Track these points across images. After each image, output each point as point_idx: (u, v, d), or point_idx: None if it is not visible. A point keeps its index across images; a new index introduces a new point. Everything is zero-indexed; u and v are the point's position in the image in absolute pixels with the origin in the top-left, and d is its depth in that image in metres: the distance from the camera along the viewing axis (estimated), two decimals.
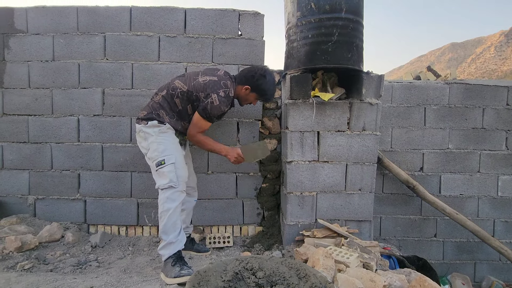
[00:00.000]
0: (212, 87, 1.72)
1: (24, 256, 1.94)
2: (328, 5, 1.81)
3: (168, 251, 1.63)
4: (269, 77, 1.83)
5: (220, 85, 1.74)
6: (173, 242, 1.63)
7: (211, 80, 1.74)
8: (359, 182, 2.04)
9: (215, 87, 1.72)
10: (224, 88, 1.74)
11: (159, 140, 1.72)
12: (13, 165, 2.39)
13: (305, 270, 1.16)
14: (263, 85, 1.81)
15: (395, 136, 2.59)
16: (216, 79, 1.76)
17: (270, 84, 1.84)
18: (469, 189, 2.63)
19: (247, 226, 2.45)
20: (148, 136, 1.73)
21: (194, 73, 1.83)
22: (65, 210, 2.38)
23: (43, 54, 2.34)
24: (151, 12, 2.32)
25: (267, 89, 1.84)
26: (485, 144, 2.61)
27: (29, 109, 2.36)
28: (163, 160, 1.67)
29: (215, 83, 1.73)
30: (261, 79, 1.80)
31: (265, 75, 1.81)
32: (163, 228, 1.64)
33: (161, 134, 1.74)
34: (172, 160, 1.69)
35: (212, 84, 1.73)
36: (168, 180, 1.65)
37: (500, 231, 2.66)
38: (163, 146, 1.71)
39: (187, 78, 1.80)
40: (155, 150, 1.71)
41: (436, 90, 2.58)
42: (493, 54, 21.35)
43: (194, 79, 1.78)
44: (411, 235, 2.67)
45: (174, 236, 1.64)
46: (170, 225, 1.63)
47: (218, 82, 1.74)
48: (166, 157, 1.68)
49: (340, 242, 1.81)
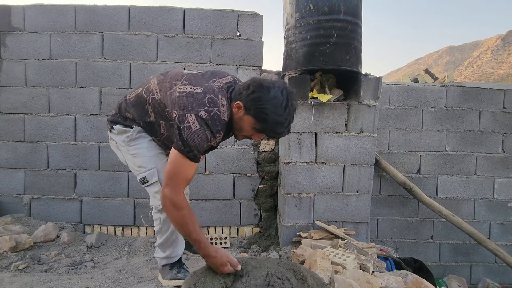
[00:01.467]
0: (190, 104, 1.10)
1: (18, 256, 1.92)
2: (326, 7, 1.82)
3: (165, 261, 1.53)
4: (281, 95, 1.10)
5: (203, 101, 1.11)
6: (172, 256, 1.51)
7: (191, 93, 1.13)
8: (356, 183, 2.04)
9: (193, 104, 1.10)
10: (209, 106, 1.10)
11: (132, 152, 1.35)
12: (8, 164, 2.36)
13: (302, 272, 1.16)
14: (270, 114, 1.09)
15: (393, 138, 2.60)
16: (201, 91, 1.13)
17: (287, 114, 1.11)
18: (465, 192, 2.64)
19: (244, 227, 2.44)
20: (120, 146, 1.39)
21: (177, 75, 1.25)
22: (61, 210, 2.37)
23: (40, 52, 2.32)
24: (150, 12, 2.31)
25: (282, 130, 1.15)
26: (481, 146, 2.62)
27: (26, 108, 2.34)
28: (145, 178, 1.33)
29: (194, 99, 1.11)
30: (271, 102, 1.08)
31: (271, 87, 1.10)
32: (161, 245, 1.47)
33: (132, 143, 1.34)
34: (155, 177, 1.32)
35: (190, 100, 1.11)
36: (159, 202, 1.27)
37: (496, 233, 2.67)
38: (139, 159, 1.33)
39: (166, 81, 1.26)
40: (132, 164, 1.37)
41: (434, 92, 2.59)
42: (490, 58, 21.54)
43: (172, 85, 1.20)
44: (408, 237, 2.67)
45: (173, 252, 1.49)
46: (169, 243, 1.45)
47: (201, 96, 1.12)
48: (147, 173, 1.32)
49: (337, 243, 1.81)
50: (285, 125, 1.12)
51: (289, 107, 1.11)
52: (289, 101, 1.11)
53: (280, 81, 1.17)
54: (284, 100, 1.10)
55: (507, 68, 19.43)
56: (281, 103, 1.09)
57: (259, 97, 1.09)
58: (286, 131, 1.15)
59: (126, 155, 1.38)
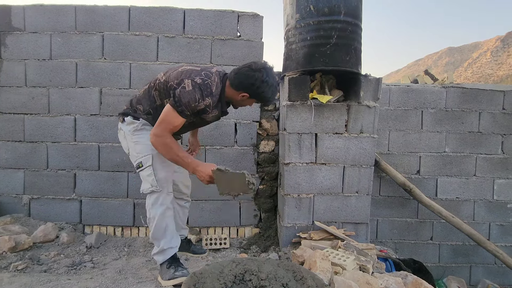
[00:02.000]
0: (189, 73, 1.44)
1: (17, 256, 1.92)
2: (327, 8, 1.82)
3: (162, 257, 1.58)
4: (271, 80, 1.48)
5: (200, 73, 1.45)
6: (164, 249, 1.57)
7: (191, 69, 1.48)
8: (356, 184, 2.04)
9: (192, 74, 1.44)
10: (204, 77, 1.44)
11: (135, 139, 1.57)
12: (8, 164, 2.36)
13: (301, 273, 1.15)
14: (265, 92, 1.48)
15: (392, 139, 2.60)
16: (198, 69, 1.49)
17: (273, 88, 1.51)
18: (465, 193, 2.64)
19: (243, 227, 2.44)
20: (126, 136, 1.60)
21: (180, 65, 1.60)
22: (60, 210, 2.36)
23: (40, 52, 2.32)
24: (150, 12, 2.31)
25: (270, 95, 1.53)
26: (481, 148, 2.62)
27: (25, 108, 2.34)
28: (141, 163, 1.54)
29: (193, 71, 1.46)
30: (262, 86, 1.45)
31: (267, 80, 1.46)
32: (153, 235, 1.57)
33: (136, 133, 1.57)
34: (149, 161, 1.52)
35: (189, 72, 1.45)
36: (149, 185, 1.53)
37: (496, 234, 2.67)
38: (139, 146, 1.55)
39: (170, 70, 1.56)
40: (133, 151, 1.58)
41: (433, 93, 2.59)
42: (489, 59, 21.58)
43: (175, 69, 1.53)
44: (407, 238, 2.67)
45: (166, 243, 1.57)
46: (160, 232, 1.56)
47: (198, 71, 1.47)
48: (143, 158, 1.53)
49: (337, 244, 1.81)
50: (275, 95, 1.57)
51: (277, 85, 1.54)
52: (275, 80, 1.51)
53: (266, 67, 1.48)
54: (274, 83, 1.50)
55: (507, 69, 19.48)
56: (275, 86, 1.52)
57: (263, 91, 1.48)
58: (274, 100, 1.83)
59: (130, 143, 1.59)
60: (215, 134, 2.34)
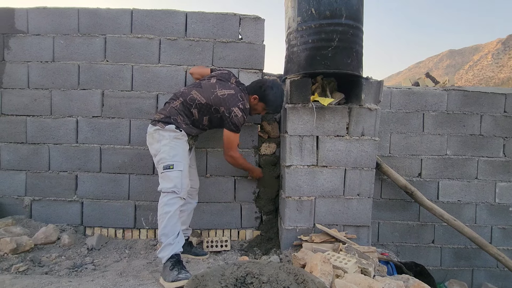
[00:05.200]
0: (232, 101, 1.84)
1: (19, 258, 1.92)
2: (328, 11, 1.83)
3: (167, 252, 1.63)
4: (276, 89, 1.95)
5: (238, 98, 1.87)
6: (171, 244, 1.65)
7: (230, 95, 1.86)
8: (357, 187, 2.04)
9: (234, 101, 1.85)
10: (242, 100, 1.88)
11: (172, 145, 1.77)
12: (10, 166, 2.37)
13: (303, 276, 1.15)
14: (270, 95, 1.94)
15: (394, 141, 2.60)
16: (233, 92, 1.88)
17: (277, 95, 1.96)
18: (467, 196, 2.64)
19: (245, 230, 2.44)
20: (162, 139, 1.78)
21: (210, 85, 1.91)
22: (62, 211, 2.37)
23: (43, 54, 2.33)
24: (152, 15, 2.33)
25: (274, 100, 1.96)
26: (482, 150, 2.62)
27: (28, 110, 2.35)
28: (172, 165, 1.72)
29: (233, 97, 1.86)
30: (268, 89, 1.94)
31: (272, 86, 1.94)
32: (163, 230, 1.66)
33: (175, 140, 1.79)
34: (180, 167, 1.74)
35: (231, 99, 1.85)
36: (172, 185, 1.70)
37: (498, 238, 2.66)
38: (174, 151, 1.76)
39: (205, 90, 1.89)
40: (166, 154, 1.75)
41: (435, 96, 2.59)
42: (490, 62, 21.57)
43: (212, 92, 1.87)
44: (409, 241, 2.66)
45: (173, 238, 1.66)
46: (170, 227, 1.66)
47: (235, 95, 1.87)
48: (176, 163, 1.74)
49: (338, 247, 1.81)
50: (280, 105, 2.04)
51: (283, 96, 2.02)
52: (282, 92, 2.01)
53: (275, 81, 2.06)
54: (279, 92, 1.99)
55: (508, 72, 19.46)
56: (279, 95, 1.99)
57: (268, 94, 1.96)
58: (280, 108, 2.07)
59: (165, 146, 1.77)
60: (216, 137, 2.34)
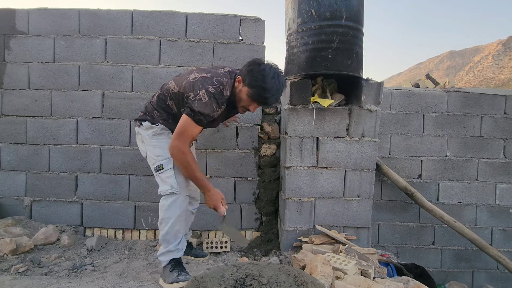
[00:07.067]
0: (201, 83, 1.46)
1: (18, 258, 1.92)
2: (328, 13, 1.83)
3: (167, 258, 1.60)
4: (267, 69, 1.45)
5: (212, 81, 1.47)
6: (172, 250, 1.59)
7: (202, 77, 1.49)
8: (357, 188, 2.03)
9: (205, 83, 1.46)
10: (216, 84, 1.47)
11: (154, 143, 1.62)
12: (10, 167, 2.37)
13: (303, 278, 1.15)
14: (255, 74, 1.44)
15: (394, 143, 2.60)
16: (209, 75, 1.50)
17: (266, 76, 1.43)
18: (467, 197, 2.63)
19: (245, 231, 2.43)
20: (144, 139, 1.67)
21: (188, 72, 1.61)
22: (62, 212, 2.37)
23: (43, 55, 2.34)
24: (153, 16, 2.33)
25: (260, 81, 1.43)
26: (483, 152, 2.62)
27: (28, 110, 2.35)
28: (161, 165, 1.57)
29: (205, 80, 1.47)
30: (254, 66, 1.46)
31: (260, 63, 1.46)
32: (165, 237, 1.58)
33: (155, 137, 1.63)
34: (170, 164, 1.57)
35: (201, 81, 1.47)
36: (169, 187, 1.55)
37: (498, 239, 2.65)
38: (158, 149, 1.60)
39: (181, 77, 1.61)
40: (151, 153, 1.63)
41: (435, 98, 2.59)
42: (490, 63, 21.56)
43: (185, 78, 1.55)
44: (409, 243, 2.66)
45: (174, 245, 1.59)
46: (172, 234, 1.57)
47: (209, 78, 1.48)
48: (164, 161, 1.57)
49: (338, 248, 1.80)
50: (271, 92, 1.45)
51: (275, 78, 1.45)
52: (275, 74, 1.45)
53: (272, 62, 1.50)
54: (271, 73, 1.44)
55: (508, 73, 19.45)
56: (268, 74, 1.44)
57: (252, 69, 1.46)
58: (272, 98, 1.48)
59: (149, 146, 1.64)
60: (216, 137, 2.34)
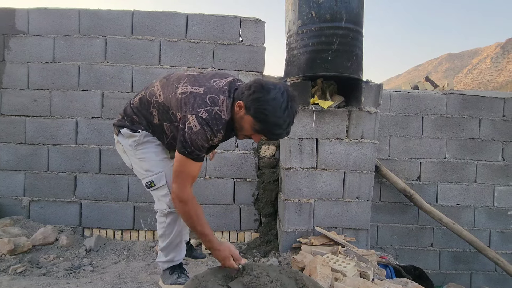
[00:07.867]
0: (192, 104, 1.13)
1: (17, 259, 1.91)
2: (328, 15, 1.84)
3: (166, 265, 1.53)
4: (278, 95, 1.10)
5: (204, 101, 1.13)
6: (172, 261, 1.51)
7: (192, 94, 1.15)
8: (356, 190, 2.04)
9: (196, 104, 1.12)
10: (210, 105, 1.13)
11: (139, 156, 1.34)
12: (8, 166, 2.36)
13: (303, 280, 1.15)
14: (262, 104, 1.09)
15: (393, 144, 2.61)
16: (201, 91, 1.15)
17: (277, 105, 1.09)
18: (465, 199, 2.64)
19: (244, 232, 2.43)
20: (126, 150, 1.37)
21: (178, 78, 1.26)
22: (60, 212, 2.36)
23: (43, 55, 2.33)
24: (153, 17, 2.33)
25: (270, 113, 1.09)
26: (481, 154, 2.63)
27: (27, 110, 2.35)
28: (152, 182, 1.32)
29: (195, 98, 1.13)
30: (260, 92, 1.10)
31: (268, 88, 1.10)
32: (164, 249, 1.45)
33: (139, 147, 1.33)
34: (162, 180, 1.31)
35: (192, 99, 1.13)
36: (165, 206, 1.32)
37: (496, 241, 2.66)
38: (146, 164, 1.33)
39: (168, 84, 1.27)
40: (138, 167, 1.36)
41: (434, 100, 2.60)
42: (489, 65, 21.66)
43: (173, 88, 1.22)
44: (407, 244, 2.66)
45: (175, 256, 1.49)
46: (173, 247, 1.45)
47: (201, 96, 1.14)
48: (154, 177, 1.31)
49: (337, 250, 1.80)
50: (283, 127, 1.13)
51: (289, 109, 1.11)
52: (289, 103, 1.11)
53: (282, 84, 1.16)
54: (284, 102, 1.10)
55: (506, 76, 19.54)
56: (281, 104, 1.09)
57: (259, 98, 1.10)
58: (284, 133, 1.16)
59: (133, 158, 1.36)
60: None
